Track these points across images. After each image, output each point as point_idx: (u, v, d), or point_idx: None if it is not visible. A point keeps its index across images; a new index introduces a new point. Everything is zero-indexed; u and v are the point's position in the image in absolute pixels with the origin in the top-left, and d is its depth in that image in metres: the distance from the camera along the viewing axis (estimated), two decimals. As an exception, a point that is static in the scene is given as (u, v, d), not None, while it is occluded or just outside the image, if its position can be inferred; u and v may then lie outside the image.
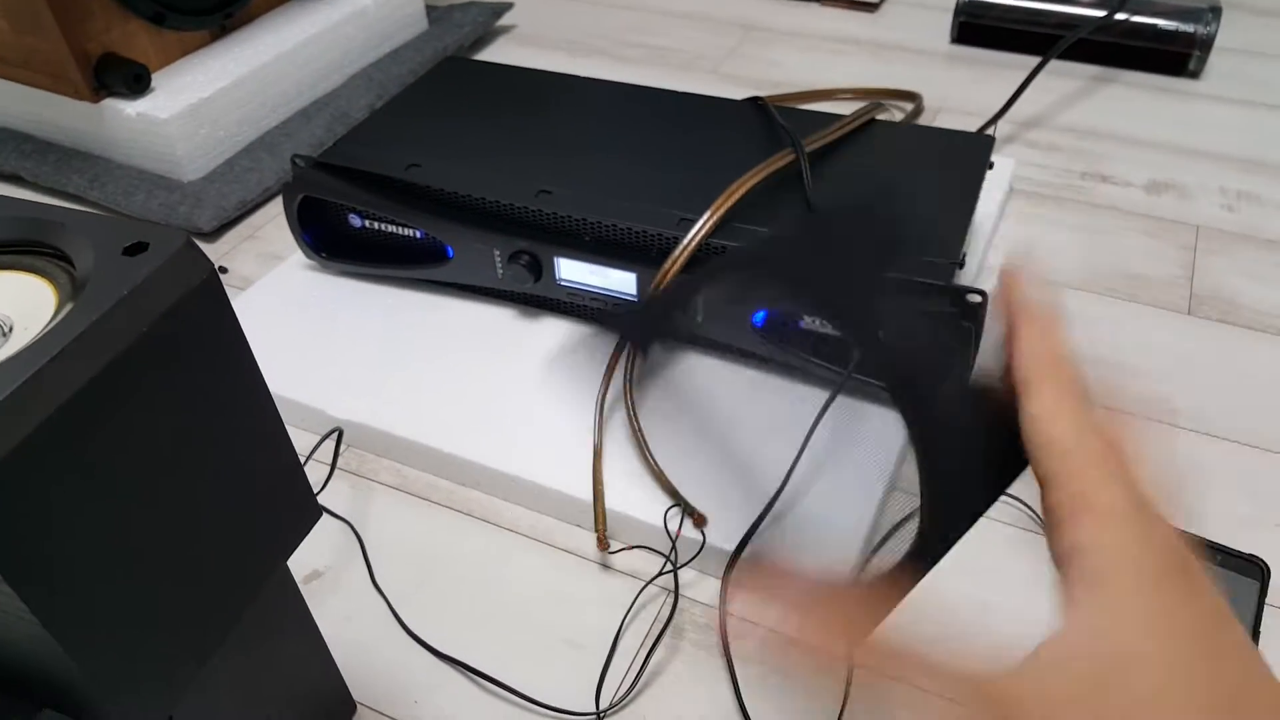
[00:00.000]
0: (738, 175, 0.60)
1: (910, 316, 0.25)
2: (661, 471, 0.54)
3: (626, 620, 0.50)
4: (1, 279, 0.29)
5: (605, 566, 0.53)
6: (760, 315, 0.59)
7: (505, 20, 1.11)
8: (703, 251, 0.58)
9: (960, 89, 0.94)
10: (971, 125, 0.86)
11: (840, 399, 0.58)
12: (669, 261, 0.57)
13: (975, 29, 1.01)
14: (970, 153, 0.65)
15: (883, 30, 1.06)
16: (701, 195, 0.59)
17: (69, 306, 0.26)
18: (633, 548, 0.53)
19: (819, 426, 0.56)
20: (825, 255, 0.26)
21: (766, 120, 0.69)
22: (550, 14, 1.13)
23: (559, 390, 0.60)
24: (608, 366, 0.59)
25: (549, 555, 0.54)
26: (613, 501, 0.53)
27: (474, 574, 0.53)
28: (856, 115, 0.67)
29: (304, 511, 0.35)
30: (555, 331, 0.65)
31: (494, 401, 0.60)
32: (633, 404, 0.58)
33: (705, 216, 0.57)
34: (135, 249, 0.27)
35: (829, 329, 0.58)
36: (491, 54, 1.05)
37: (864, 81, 0.97)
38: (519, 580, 0.53)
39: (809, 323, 0.59)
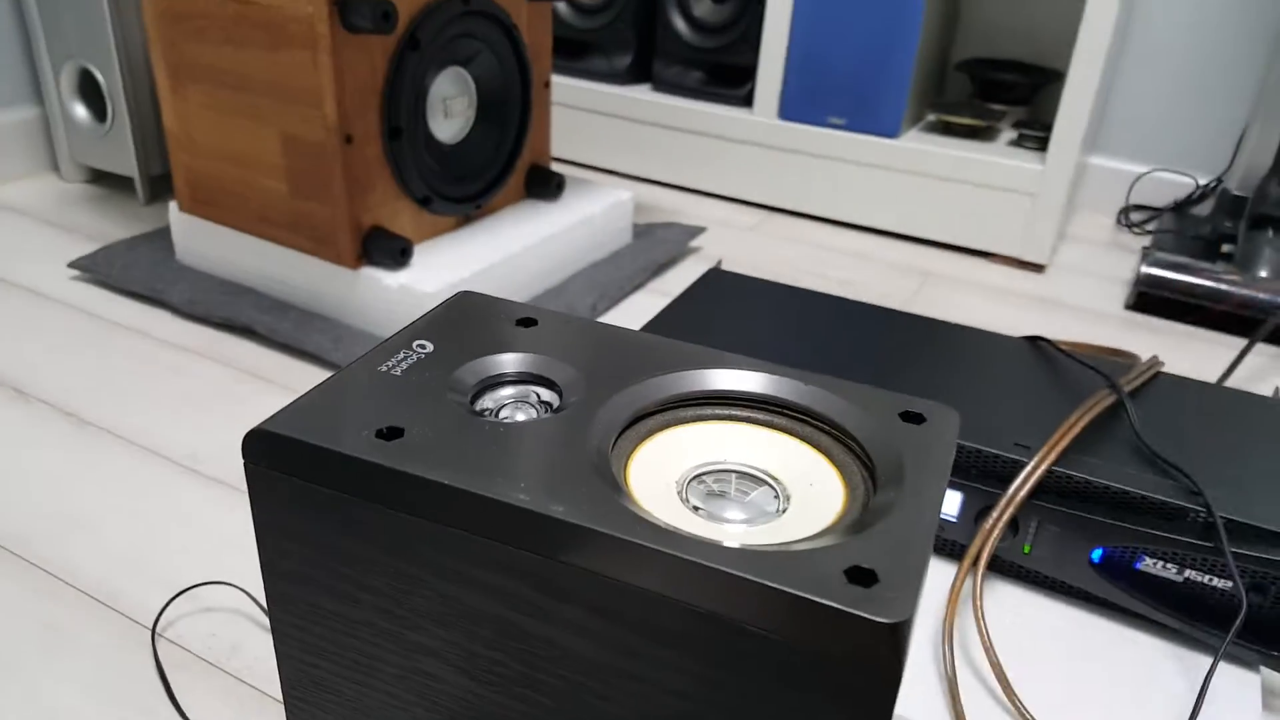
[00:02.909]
0: (1029, 402, 0.61)
1: None
2: (1026, 710, 0.51)
3: None
4: (762, 438, 0.28)
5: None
6: (1099, 551, 0.58)
7: (695, 242, 1.16)
8: (1049, 479, 0.58)
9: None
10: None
11: (1189, 653, 0.56)
12: (1014, 486, 0.56)
13: (1152, 299, 1.07)
14: (1265, 412, 0.67)
15: (1054, 290, 1.12)
16: (1014, 423, 0.60)
17: (861, 474, 0.25)
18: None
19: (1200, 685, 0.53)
20: None
21: (1044, 358, 0.71)
22: (733, 242, 1.19)
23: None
24: (952, 589, 0.57)
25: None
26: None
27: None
28: (1148, 365, 0.69)
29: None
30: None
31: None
32: (987, 633, 0.55)
33: (1046, 447, 0.58)
34: (912, 417, 0.27)
35: (1169, 573, 0.57)
36: (686, 270, 1.10)
37: (1051, 335, 1.00)
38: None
39: (1147, 564, 0.58)
